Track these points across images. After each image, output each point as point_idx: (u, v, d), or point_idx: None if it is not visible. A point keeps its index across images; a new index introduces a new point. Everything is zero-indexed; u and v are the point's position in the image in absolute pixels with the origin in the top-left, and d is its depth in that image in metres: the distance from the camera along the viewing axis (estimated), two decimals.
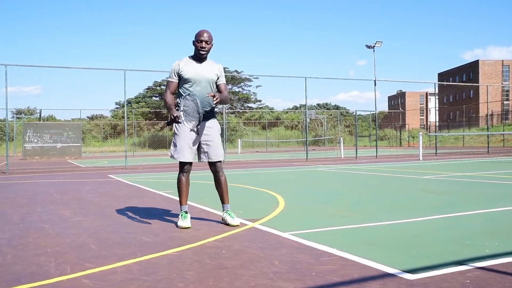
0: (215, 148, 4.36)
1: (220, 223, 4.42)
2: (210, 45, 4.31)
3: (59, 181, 10.37)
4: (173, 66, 4.32)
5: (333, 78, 23.53)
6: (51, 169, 15.40)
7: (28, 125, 27.01)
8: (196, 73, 4.27)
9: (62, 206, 6.02)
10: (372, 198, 6.18)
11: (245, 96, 55.21)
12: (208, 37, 4.28)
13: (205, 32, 4.29)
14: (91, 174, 12.62)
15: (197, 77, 4.27)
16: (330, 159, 19.20)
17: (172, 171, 12.48)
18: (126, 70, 15.40)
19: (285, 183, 8.91)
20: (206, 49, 4.28)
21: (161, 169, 14.03)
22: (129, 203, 6.12)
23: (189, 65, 4.30)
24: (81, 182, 9.82)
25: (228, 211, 4.37)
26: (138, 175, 11.63)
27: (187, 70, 4.27)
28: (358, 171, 11.62)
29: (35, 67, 15.01)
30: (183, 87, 4.30)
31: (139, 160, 22.43)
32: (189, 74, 4.26)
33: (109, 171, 13.81)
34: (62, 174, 12.91)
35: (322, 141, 44.59)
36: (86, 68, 15.90)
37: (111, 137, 48.98)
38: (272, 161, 18.13)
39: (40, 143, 26.29)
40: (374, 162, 15.97)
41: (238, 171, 12.46)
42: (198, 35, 4.28)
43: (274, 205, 5.58)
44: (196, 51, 4.32)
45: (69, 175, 12.40)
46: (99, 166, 17.13)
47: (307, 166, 14.13)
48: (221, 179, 4.42)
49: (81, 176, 11.87)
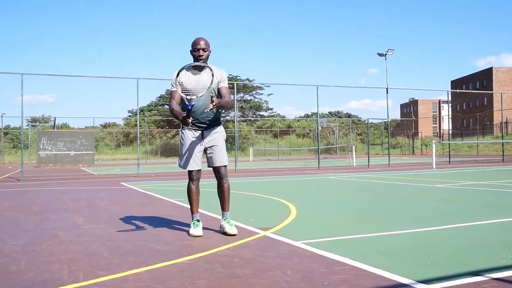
0: (219, 153, 4.33)
1: (217, 231, 4.40)
2: (208, 52, 4.26)
3: (72, 188, 10.45)
4: (173, 76, 4.28)
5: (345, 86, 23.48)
6: (65, 177, 15.54)
7: (42, 133, 27.33)
8: (195, 82, 4.21)
9: (75, 213, 6.06)
10: (385, 207, 6.12)
11: (256, 104, 55.27)
12: (204, 44, 4.23)
13: (201, 40, 4.24)
14: (104, 181, 12.70)
15: (197, 86, 4.20)
16: (342, 167, 19.09)
17: (184, 179, 12.50)
18: (139, 78, 15.56)
19: (297, 191, 8.87)
20: (204, 56, 4.22)
21: (173, 177, 14.08)
22: (141, 211, 6.14)
23: (189, 75, 4.24)
24: (94, 190, 9.88)
25: (227, 219, 4.35)
26: (150, 183, 11.68)
27: (186, 79, 4.22)
28: (370, 179, 11.54)
29: (50, 76, 15.23)
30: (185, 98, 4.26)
31: (151, 168, 22.54)
32: (188, 84, 4.21)
33: (121, 178, 13.90)
34: (75, 181, 13.01)
35: (334, 149, 44.41)
36: (99, 76, 16.15)
37: (124, 145, 49.36)
38: (284, 169, 18.08)
39: (54, 150, 26.57)
40: (387, 170, 15.85)
41: (250, 179, 12.45)
42: (194, 43, 4.24)
43: (286, 213, 5.55)
44: (194, 60, 4.26)
45: (82, 182, 12.49)
46: (112, 173, 17.24)
47: (319, 175, 14.07)
48: (224, 186, 4.40)
49: (94, 183, 11.96)
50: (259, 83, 54.06)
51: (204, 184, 4.63)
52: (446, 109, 74.71)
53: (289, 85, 20.31)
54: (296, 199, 7.11)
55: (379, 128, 55.20)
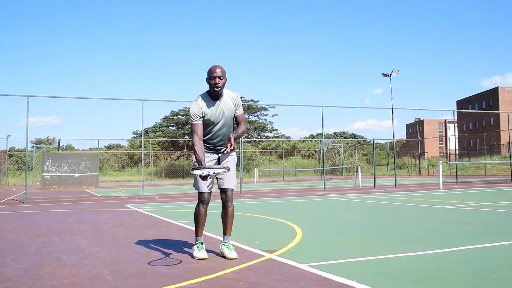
0: (230, 176, 4.36)
1: (218, 255, 4.37)
2: (224, 80, 4.23)
3: (76, 210, 10.45)
4: (194, 109, 4.23)
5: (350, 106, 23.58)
6: (69, 199, 15.54)
7: (47, 155, 27.47)
8: (217, 113, 4.26)
9: (79, 236, 6.05)
10: (391, 229, 6.08)
11: (261, 125, 55.45)
12: (220, 72, 4.21)
13: (217, 68, 4.22)
14: (108, 203, 12.69)
15: (219, 118, 4.26)
16: (347, 188, 19.01)
17: (188, 201, 12.49)
18: (143, 100, 15.67)
19: (302, 213, 8.83)
20: (220, 84, 4.20)
21: (178, 199, 14.05)
22: (145, 234, 6.12)
23: (209, 105, 4.24)
24: (98, 212, 9.88)
25: (227, 243, 4.33)
26: (154, 205, 11.66)
27: (209, 111, 4.23)
28: (376, 200, 11.48)
29: (55, 98, 15.38)
30: (206, 129, 4.28)
31: (155, 189, 22.53)
32: (211, 117, 4.23)
33: (125, 200, 13.89)
34: (79, 203, 13.01)
35: (339, 170, 44.27)
36: (104, 98, 16.21)
37: (128, 166, 49.43)
38: (289, 191, 18.02)
39: (58, 172, 26.66)
40: (393, 191, 15.77)
41: (255, 201, 12.41)
42: (210, 71, 4.22)
43: (291, 235, 5.52)
44: (210, 89, 4.25)
45: (86, 204, 12.49)
46: (116, 195, 17.24)
47: (325, 196, 14.01)
48: (228, 209, 4.40)
49: (98, 205, 11.95)
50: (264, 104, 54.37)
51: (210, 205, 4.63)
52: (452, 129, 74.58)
53: (294, 106, 20.38)
54: (301, 221, 7.08)
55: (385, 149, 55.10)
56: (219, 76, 4.20)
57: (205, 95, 4.32)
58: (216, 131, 4.31)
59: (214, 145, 4.36)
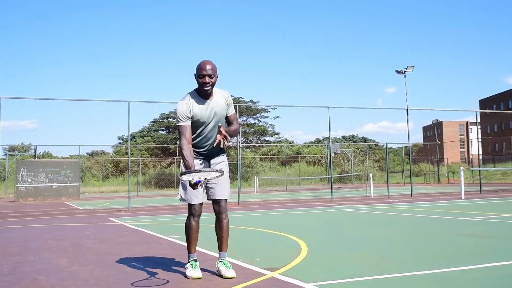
0: (222, 184, 4.35)
1: (214, 274, 4.37)
2: (215, 78, 4.22)
3: (54, 225, 10.45)
4: (181, 109, 4.22)
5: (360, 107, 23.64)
6: (46, 212, 15.53)
7: (21, 163, 27.47)
8: (207, 113, 4.26)
9: (58, 254, 6.05)
10: (407, 244, 6.08)
11: (261, 128, 55.48)
12: (211, 69, 4.18)
13: (207, 64, 4.19)
14: (91, 217, 12.69)
15: (209, 118, 4.27)
16: (358, 198, 19.02)
17: (181, 213, 12.49)
18: (130, 101, 15.70)
19: (308, 226, 8.84)
20: (211, 83, 4.20)
21: (169, 211, 14.05)
22: (133, 250, 6.12)
23: (198, 105, 4.26)
24: (79, 227, 9.87)
25: (224, 261, 4.32)
26: (143, 218, 11.66)
27: (198, 111, 4.24)
28: (390, 212, 11.49)
29: (31, 99, 15.41)
30: (195, 131, 4.29)
31: (144, 201, 22.52)
32: (201, 117, 4.24)
33: (110, 213, 13.89)
34: (58, 217, 13.00)
35: (348, 178, 44.27)
36: (86, 100, 16.25)
37: (113, 175, 49.43)
38: (293, 201, 18.03)
39: (34, 183, 26.64)
40: (409, 201, 15.77)
41: (254, 213, 12.41)
42: (200, 68, 4.19)
43: (295, 251, 5.53)
44: (200, 87, 4.24)
45: (66, 218, 12.48)
46: (100, 208, 17.24)
47: (332, 207, 14.02)
48: (223, 222, 4.38)
49: (79, 219, 11.95)
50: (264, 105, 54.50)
51: (203, 218, 4.63)
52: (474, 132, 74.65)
53: (297, 107, 20.44)
54: (307, 235, 7.08)
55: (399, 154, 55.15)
56: (210, 75, 4.18)
57: (194, 93, 4.32)
58: (206, 133, 4.30)
59: (205, 150, 4.35)
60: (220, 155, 4.46)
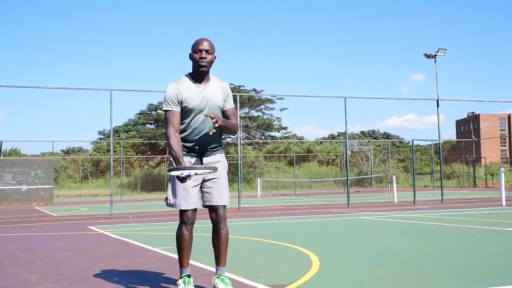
0: (220, 188, 4.34)
1: None
2: (212, 55, 4.29)
3: (23, 235, 10.47)
4: (170, 92, 4.28)
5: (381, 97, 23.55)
6: (13, 220, 15.58)
7: None
8: (200, 100, 4.27)
9: (27, 268, 6.06)
10: (437, 259, 6.08)
11: (266, 122, 55.49)
12: (208, 45, 4.27)
13: (204, 40, 4.29)
14: (66, 225, 12.72)
15: (202, 105, 4.26)
16: (379, 204, 19.01)
17: (172, 221, 12.50)
18: (112, 90, 15.68)
19: (320, 236, 8.85)
20: (207, 60, 4.26)
21: (158, 218, 14.07)
22: (115, 264, 6.14)
23: (191, 90, 4.28)
24: (53, 236, 9.90)
25: (222, 276, 4.34)
26: (127, 227, 11.68)
27: (189, 97, 4.25)
28: (417, 220, 11.48)
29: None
30: (184, 120, 4.30)
31: (128, 206, 22.56)
32: (192, 102, 4.25)
33: (89, 221, 13.91)
34: (28, 226, 13.04)
35: (368, 181, 44.25)
36: (61, 88, 16.24)
37: (93, 176, 49.53)
38: (302, 207, 18.03)
39: (0, 185, 26.72)
40: (439, 208, 15.76)
41: (258, 221, 12.42)
42: (196, 43, 4.28)
43: (305, 266, 5.53)
44: (194, 66, 4.30)
45: (37, 227, 12.52)
46: (76, 214, 17.27)
47: (349, 214, 14.01)
48: (221, 232, 4.37)
49: (52, 228, 11.97)
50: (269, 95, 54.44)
51: (197, 227, 4.64)
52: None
53: (308, 97, 20.46)
54: (318, 247, 7.09)
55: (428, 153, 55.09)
56: (207, 50, 4.25)
57: (188, 76, 4.37)
58: (198, 124, 4.29)
59: (195, 145, 4.32)
60: (216, 152, 4.44)
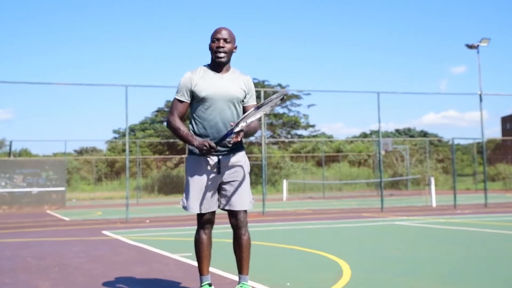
0: (241, 192, 4.34)
1: None
2: (231, 45, 4.34)
3: (34, 240, 10.59)
4: (183, 80, 4.36)
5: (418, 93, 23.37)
6: (24, 224, 15.77)
7: None
8: (215, 88, 4.28)
9: (39, 275, 6.14)
10: (480, 268, 6.04)
11: (292, 120, 55.39)
12: (227, 34, 4.32)
13: (223, 29, 4.34)
14: (79, 230, 12.84)
15: (217, 94, 4.27)
16: (415, 208, 18.86)
17: (192, 225, 12.55)
18: (128, 86, 15.77)
19: (351, 243, 8.83)
20: (226, 49, 4.29)
21: (177, 223, 14.12)
22: (131, 272, 6.19)
23: (206, 78, 4.32)
24: (65, 242, 10.00)
25: (245, 285, 4.37)
26: (144, 232, 11.76)
27: (203, 85, 4.29)
28: (457, 226, 11.38)
29: (5, 83, 15.64)
30: (198, 110, 4.33)
31: (145, 210, 22.68)
32: (206, 91, 4.27)
33: (104, 226, 14.03)
34: (39, 230, 13.19)
35: (403, 183, 43.90)
36: (74, 84, 16.44)
37: (107, 178, 49.87)
38: (332, 212, 17.96)
39: (9, 187, 27.04)
40: (482, 213, 15.59)
41: (283, 226, 12.42)
42: (214, 32, 4.34)
43: (335, 275, 5.53)
44: (212, 56, 4.35)
45: (49, 232, 12.65)
46: (90, 219, 17.42)
47: (382, 219, 13.93)
48: (242, 238, 4.38)
49: (65, 233, 12.10)
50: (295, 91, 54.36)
51: (217, 232, 4.66)
52: None
53: (338, 93, 20.39)
54: (350, 254, 7.07)
55: (470, 152, 54.46)
56: (225, 39, 4.30)
57: (206, 66, 4.43)
58: (213, 116, 4.28)
59: (210, 139, 4.29)
60: (236, 151, 4.39)
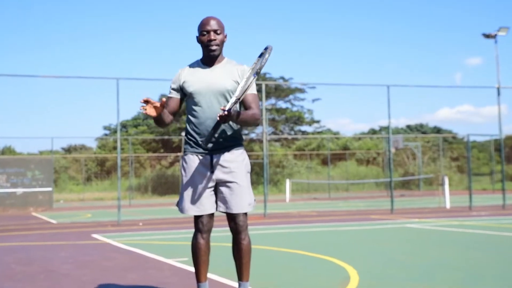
0: (238, 192, 4.29)
1: None
2: (222, 35, 4.31)
3: (19, 245, 10.60)
4: (174, 76, 4.43)
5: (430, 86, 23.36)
6: (8, 227, 15.78)
7: None
8: (202, 83, 4.27)
9: (25, 282, 6.13)
10: (496, 274, 6.04)
11: (295, 115, 55.38)
12: (216, 24, 4.28)
13: (211, 19, 4.29)
14: (67, 234, 12.85)
15: (204, 88, 4.26)
16: (428, 210, 18.87)
17: (188, 228, 12.55)
18: (119, 78, 15.78)
19: (359, 247, 8.83)
20: (218, 41, 4.26)
21: (172, 226, 14.13)
22: (123, 278, 6.18)
23: (195, 73, 4.34)
24: (53, 247, 10.00)
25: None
26: (137, 235, 11.76)
27: (191, 81, 4.30)
28: (473, 229, 11.39)
29: None
30: (189, 108, 4.34)
31: (138, 212, 22.70)
32: (193, 86, 4.28)
33: (94, 229, 14.03)
34: (25, 234, 13.20)
35: (415, 183, 43.90)
36: (61, 77, 16.47)
37: (97, 178, 49.91)
38: (338, 214, 17.98)
39: None
40: (500, 215, 15.60)
41: (286, 229, 12.42)
42: (202, 24, 4.30)
43: (342, 280, 5.53)
44: (204, 50, 4.34)
45: (35, 235, 12.66)
46: (79, 221, 17.44)
47: (392, 221, 13.94)
48: (242, 243, 4.36)
49: (52, 237, 12.10)
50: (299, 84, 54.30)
51: (215, 235, 4.65)
52: None
53: (344, 86, 20.37)
54: (357, 259, 7.08)
55: (487, 150, 54.46)
56: (215, 30, 4.27)
57: (198, 61, 4.44)
58: (201, 112, 4.27)
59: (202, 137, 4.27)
60: (232, 148, 4.34)
